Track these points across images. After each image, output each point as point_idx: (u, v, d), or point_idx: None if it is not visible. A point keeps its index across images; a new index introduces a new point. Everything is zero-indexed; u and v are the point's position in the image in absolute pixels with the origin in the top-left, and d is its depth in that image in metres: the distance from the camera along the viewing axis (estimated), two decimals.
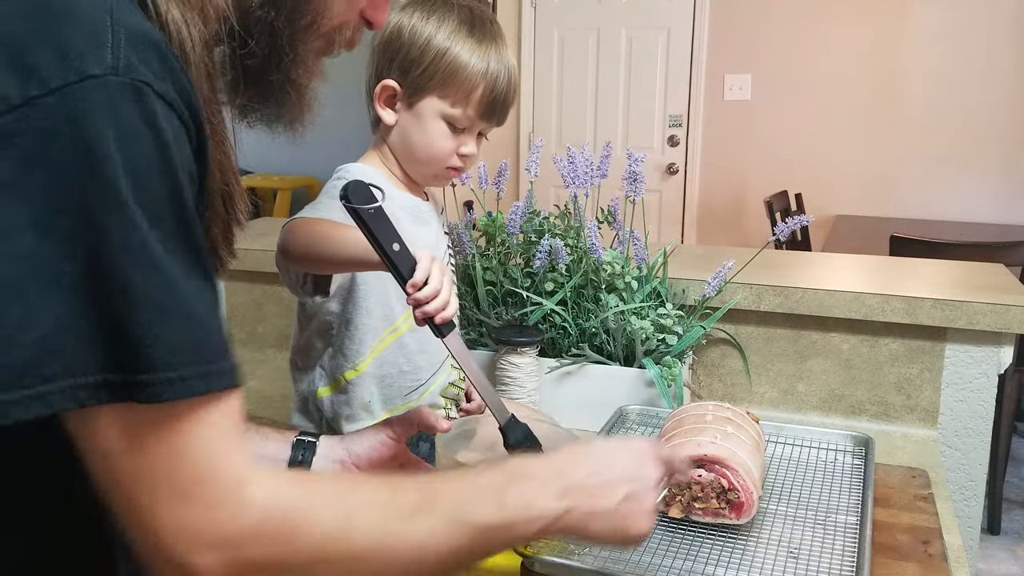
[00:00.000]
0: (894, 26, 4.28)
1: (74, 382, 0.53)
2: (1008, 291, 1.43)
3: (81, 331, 0.53)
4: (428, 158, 1.09)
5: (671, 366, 1.36)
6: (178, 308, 0.56)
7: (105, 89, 0.53)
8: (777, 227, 1.40)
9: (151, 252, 0.54)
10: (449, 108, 1.06)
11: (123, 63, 0.54)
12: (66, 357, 0.53)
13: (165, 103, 0.56)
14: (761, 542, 1.00)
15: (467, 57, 1.04)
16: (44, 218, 0.52)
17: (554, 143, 4.63)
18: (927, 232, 3.07)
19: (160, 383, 0.55)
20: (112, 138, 0.53)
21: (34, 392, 0.53)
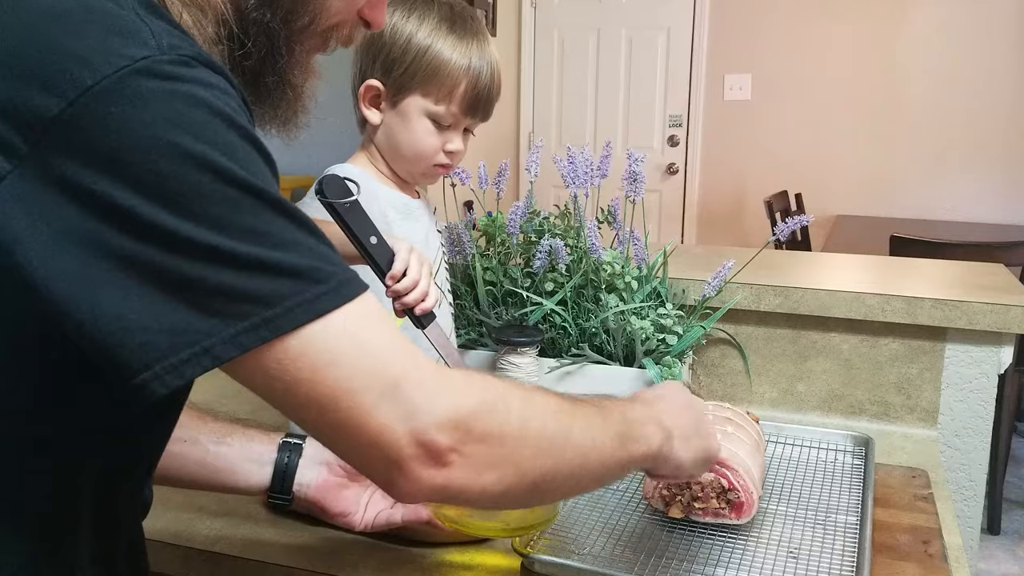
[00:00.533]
0: (894, 26, 4.28)
1: (236, 328, 0.55)
2: (1008, 291, 1.43)
3: (225, 285, 0.55)
4: (414, 156, 1.09)
5: (671, 366, 1.36)
6: (309, 237, 0.59)
7: (159, 65, 0.54)
8: (777, 227, 1.40)
9: (253, 196, 0.56)
10: (432, 106, 1.06)
11: (167, 45, 0.55)
12: (218, 311, 0.55)
13: (214, 71, 0.58)
14: (761, 542, 1.00)
15: (448, 54, 1.04)
16: (148, 196, 0.53)
17: (554, 143, 4.63)
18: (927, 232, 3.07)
19: (319, 296, 0.57)
20: (180, 107, 0.54)
21: (198, 348, 0.55)
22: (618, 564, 0.94)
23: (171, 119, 0.54)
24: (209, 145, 0.55)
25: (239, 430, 0.99)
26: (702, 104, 4.59)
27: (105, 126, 0.52)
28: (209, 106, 0.56)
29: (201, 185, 0.54)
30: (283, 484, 0.96)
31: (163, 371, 0.55)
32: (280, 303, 0.56)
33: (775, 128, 4.51)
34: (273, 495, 0.96)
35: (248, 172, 0.56)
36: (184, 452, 0.94)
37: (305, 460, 0.97)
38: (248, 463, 0.97)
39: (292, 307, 0.57)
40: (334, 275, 0.59)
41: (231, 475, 0.97)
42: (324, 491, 0.97)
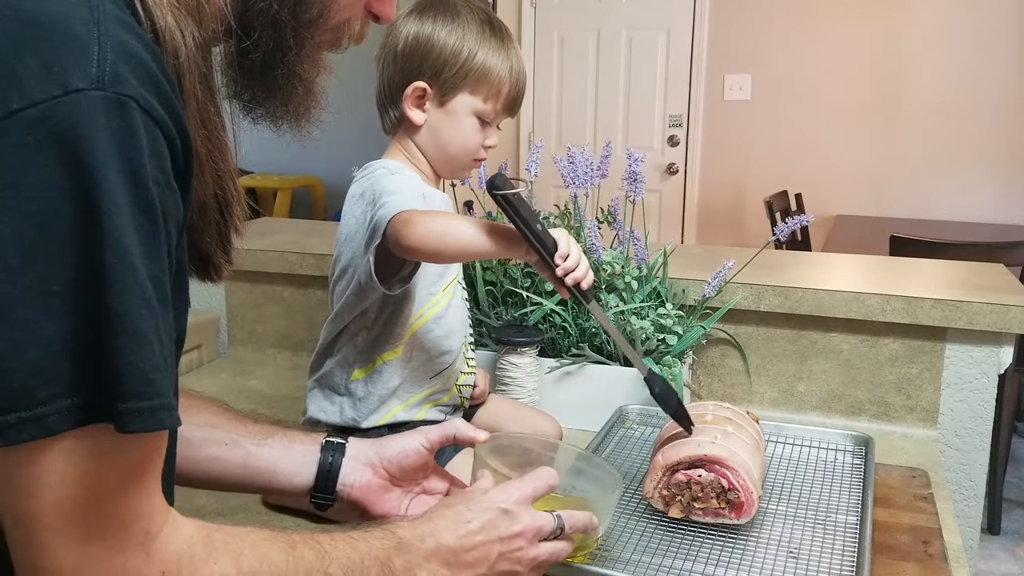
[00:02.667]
0: (894, 26, 4.28)
1: (68, 403, 0.52)
2: (1008, 291, 1.43)
3: (74, 352, 0.52)
4: (460, 151, 1.15)
5: (671, 366, 1.36)
6: (155, 338, 0.55)
7: (89, 103, 0.51)
8: (777, 227, 1.40)
9: (133, 274, 0.53)
10: (481, 104, 1.12)
11: (108, 77, 0.52)
12: (61, 379, 0.52)
13: (151, 118, 0.55)
14: (761, 542, 1.00)
15: (495, 58, 1.11)
16: (28, 236, 0.51)
17: (554, 143, 4.63)
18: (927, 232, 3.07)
19: (129, 413, 0.53)
20: (96, 153, 0.51)
21: (29, 415, 0.51)
22: (618, 564, 0.94)
23: (80, 166, 0.51)
24: (113, 198, 0.52)
25: (279, 431, 0.97)
26: (702, 104, 4.59)
27: (14, 154, 0.50)
28: (124, 160, 0.53)
29: (65, 252, 0.51)
30: (327, 484, 0.95)
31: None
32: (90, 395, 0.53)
33: (775, 128, 4.51)
34: (316, 495, 0.95)
35: (124, 250, 0.53)
36: (225, 455, 0.93)
37: (349, 460, 0.95)
38: (291, 463, 0.95)
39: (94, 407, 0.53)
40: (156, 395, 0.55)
41: (273, 476, 0.95)
42: (368, 492, 0.95)
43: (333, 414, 1.12)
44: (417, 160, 1.15)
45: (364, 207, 1.08)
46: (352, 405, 1.12)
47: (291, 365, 1.74)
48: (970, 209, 4.25)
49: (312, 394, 1.15)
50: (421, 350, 1.13)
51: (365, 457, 0.96)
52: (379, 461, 0.95)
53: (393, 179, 1.08)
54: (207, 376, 1.71)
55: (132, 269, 0.53)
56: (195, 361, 1.76)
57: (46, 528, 0.55)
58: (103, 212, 0.52)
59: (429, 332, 1.13)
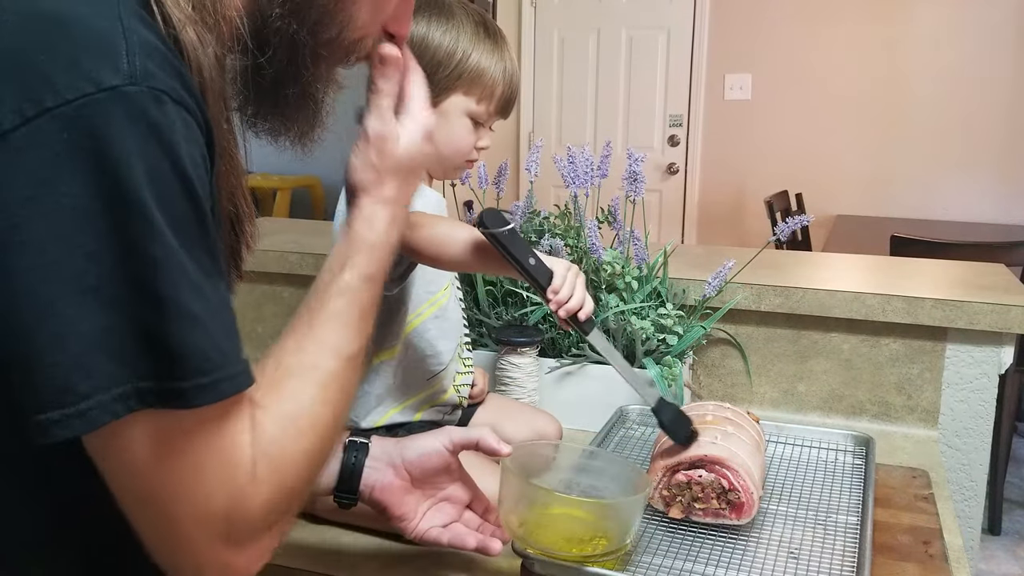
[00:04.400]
0: (894, 26, 4.28)
1: (110, 395, 0.53)
2: (1008, 291, 1.43)
3: (113, 345, 0.53)
4: (453, 152, 1.14)
5: (671, 366, 1.36)
6: (206, 315, 0.56)
7: (124, 99, 0.52)
8: (777, 227, 1.40)
9: (177, 260, 0.54)
10: (474, 106, 1.12)
11: (140, 72, 0.53)
12: (101, 372, 0.52)
13: (184, 109, 0.55)
14: (761, 542, 1.00)
15: (488, 59, 1.11)
16: (68, 232, 0.51)
17: (554, 143, 4.63)
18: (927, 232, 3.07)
19: (194, 389, 0.55)
20: (133, 149, 0.52)
21: (73, 411, 0.52)
22: (618, 564, 0.94)
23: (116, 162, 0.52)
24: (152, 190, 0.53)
25: None
26: (702, 104, 4.59)
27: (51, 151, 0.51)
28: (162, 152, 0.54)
29: (127, 240, 0.52)
30: (350, 484, 0.95)
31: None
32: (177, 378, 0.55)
33: (775, 128, 4.51)
34: (340, 495, 0.95)
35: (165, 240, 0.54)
36: None
37: (371, 460, 0.95)
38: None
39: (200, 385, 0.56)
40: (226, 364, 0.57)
41: None
42: (390, 493, 0.95)
43: None
44: None
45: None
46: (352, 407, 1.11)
47: None
48: (970, 209, 4.25)
49: None
50: (417, 350, 1.13)
51: (388, 457, 0.96)
52: (401, 462, 0.95)
53: None
54: None
55: (174, 254, 0.54)
56: None
57: (169, 498, 0.58)
58: (141, 204, 0.52)
59: (426, 332, 1.13)
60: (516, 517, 0.92)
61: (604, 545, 0.91)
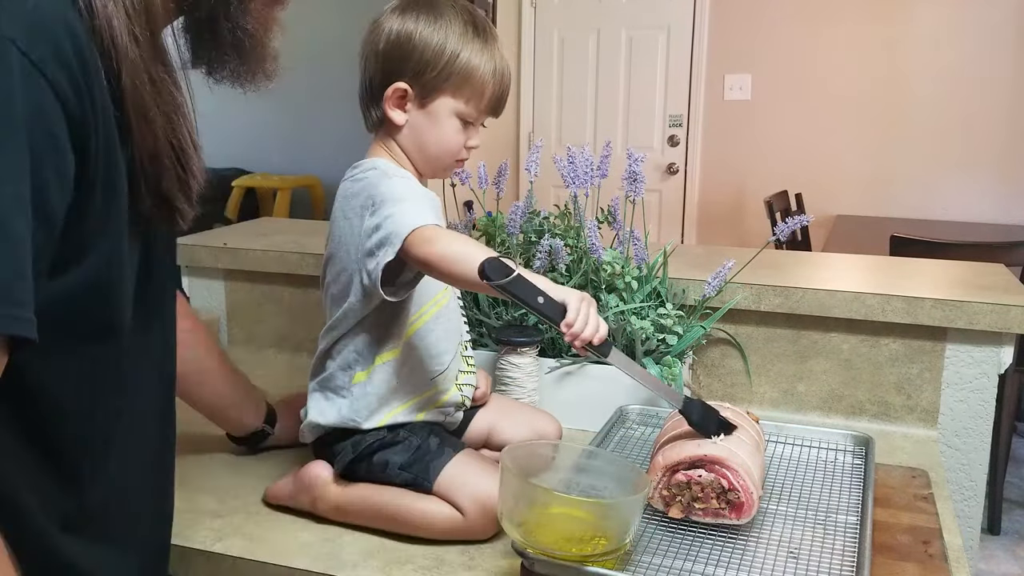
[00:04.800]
0: (894, 26, 4.28)
1: None
2: (1008, 291, 1.43)
3: None
4: (441, 153, 1.13)
5: (671, 366, 1.36)
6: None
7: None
8: (777, 227, 1.40)
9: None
10: (463, 106, 1.11)
11: (5, 28, 0.62)
12: None
13: (29, 61, 0.64)
14: (761, 542, 1.00)
15: (478, 59, 1.09)
16: None
17: (554, 143, 4.63)
18: (927, 232, 3.07)
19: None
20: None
21: None
22: (618, 564, 0.94)
23: None
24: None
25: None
26: (702, 104, 4.59)
27: None
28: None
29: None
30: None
31: None
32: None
33: (775, 128, 4.51)
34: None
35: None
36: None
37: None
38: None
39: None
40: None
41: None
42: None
43: (332, 416, 1.12)
44: (400, 159, 1.14)
45: (360, 210, 1.07)
46: (351, 407, 1.11)
47: (291, 365, 1.74)
48: (970, 209, 4.25)
49: (313, 396, 1.15)
50: (420, 350, 1.13)
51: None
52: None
53: (393, 183, 1.07)
54: None
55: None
56: None
57: None
58: None
59: (429, 332, 1.13)
60: (516, 517, 0.92)
61: (604, 545, 0.91)
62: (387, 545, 1.05)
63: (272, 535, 1.08)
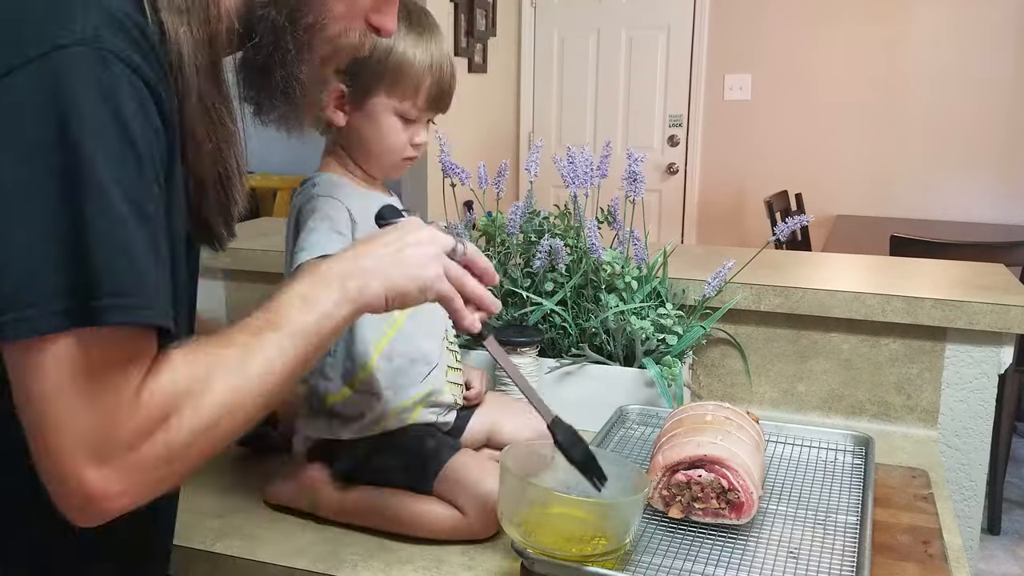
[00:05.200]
0: (894, 26, 4.28)
1: (53, 307, 0.61)
2: (1008, 291, 1.43)
3: (55, 261, 0.62)
4: (384, 152, 1.12)
5: (671, 366, 1.36)
6: (130, 246, 0.64)
7: (73, 57, 0.63)
8: (777, 227, 1.40)
9: (109, 199, 0.63)
10: (399, 104, 1.08)
11: (90, 34, 0.63)
12: (47, 284, 0.62)
13: (130, 69, 0.65)
14: (761, 542, 1.00)
15: (412, 54, 1.07)
16: (23, 167, 0.62)
17: (554, 143, 4.63)
18: (927, 232, 3.07)
19: (113, 308, 0.63)
20: (79, 101, 0.62)
21: (21, 315, 0.61)
22: (618, 564, 0.94)
23: (64, 109, 0.62)
24: (95, 139, 0.63)
25: None
26: (702, 104, 4.59)
27: (15, 103, 0.62)
28: (105, 106, 0.63)
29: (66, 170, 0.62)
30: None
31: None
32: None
33: (775, 128, 4.51)
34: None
35: (102, 176, 0.63)
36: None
37: None
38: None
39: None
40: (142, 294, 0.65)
41: None
42: None
43: (323, 430, 1.12)
44: (349, 165, 1.13)
45: (295, 229, 1.07)
46: (341, 422, 1.11)
47: None
48: (970, 209, 4.25)
49: (303, 412, 1.15)
50: (402, 355, 1.11)
51: None
52: None
53: (318, 206, 1.06)
54: None
55: (107, 190, 0.63)
56: None
57: (53, 405, 0.64)
58: (82, 145, 0.62)
59: (408, 338, 1.11)
60: (516, 517, 0.92)
61: (604, 545, 0.91)
62: (387, 545, 1.05)
63: (272, 535, 1.08)
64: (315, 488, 1.11)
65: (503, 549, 1.02)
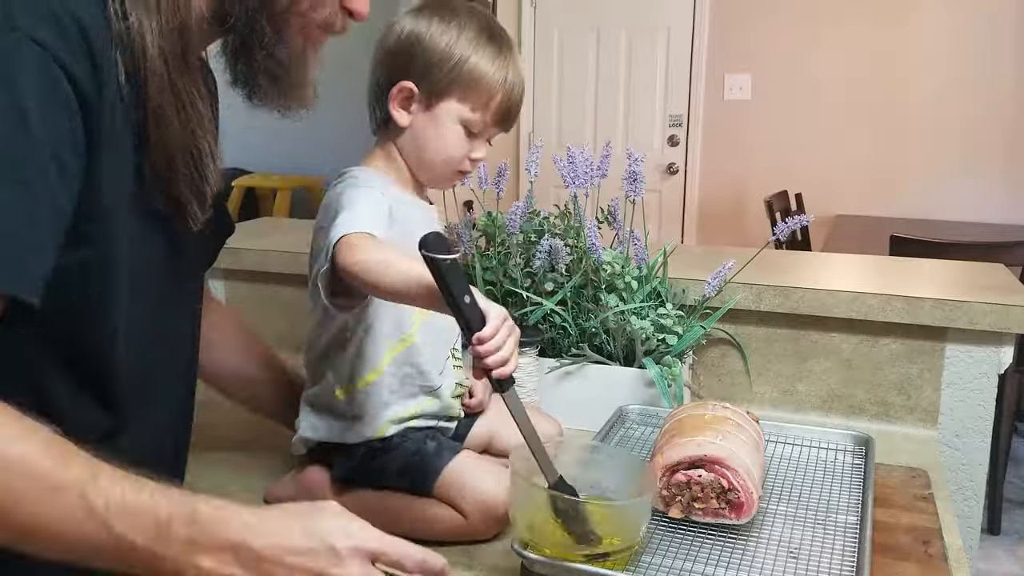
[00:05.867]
0: (895, 26, 4.28)
1: None
2: (1008, 291, 1.43)
3: None
4: (442, 160, 1.10)
5: (671, 366, 1.36)
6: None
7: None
8: (777, 227, 1.40)
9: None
10: (468, 113, 1.08)
11: (2, 20, 0.70)
12: None
13: (45, 51, 0.71)
14: (761, 542, 1.00)
15: (488, 65, 1.06)
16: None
17: (554, 143, 4.63)
18: (927, 232, 3.07)
19: None
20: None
21: None
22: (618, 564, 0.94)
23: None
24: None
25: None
26: (702, 104, 4.59)
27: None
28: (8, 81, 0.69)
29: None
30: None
31: None
32: None
33: (775, 128, 4.51)
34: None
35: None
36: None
37: None
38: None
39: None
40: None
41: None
42: None
43: (324, 432, 1.11)
44: (398, 165, 1.12)
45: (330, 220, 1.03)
46: (342, 425, 1.10)
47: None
48: (970, 209, 4.25)
49: (304, 410, 1.14)
50: (410, 365, 1.11)
51: None
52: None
53: (355, 193, 1.04)
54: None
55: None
56: None
57: None
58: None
59: (417, 352, 1.11)
60: (525, 519, 0.93)
61: (616, 543, 0.91)
62: None
63: None
64: (315, 490, 1.11)
65: (503, 549, 1.02)
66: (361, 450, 1.09)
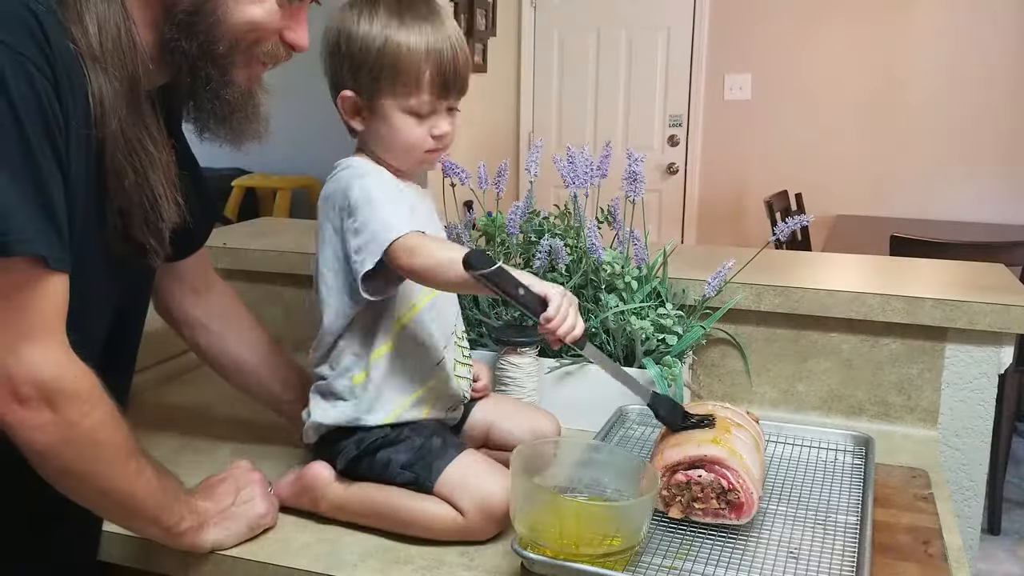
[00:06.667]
0: (894, 26, 4.28)
1: None
2: (1008, 291, 1.43)
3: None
4: (406, 150, 1.10)
5: (671, 366, 1.36)
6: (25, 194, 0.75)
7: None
8: (777, 227, 1.40)
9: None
10: (407, 101, 1.06)
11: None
12: None
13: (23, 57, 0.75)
14: (761, 542, 1.00)
15: (404, 43, 1.03)
16: None
17: (554, 143, 4.63)
18: (927, 232, 3.07)
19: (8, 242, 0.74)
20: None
21: None
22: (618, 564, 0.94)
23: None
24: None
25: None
26: (702, 104, 4.59)
27: None
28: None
29: None
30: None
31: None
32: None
33: (775, 128, 4.52)
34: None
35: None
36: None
37: None
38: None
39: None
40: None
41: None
42: None
43: (335, 416, 1.11)
44: (376, 159, 1.12)
45: (339, 212, 1.06)
46: (354, 407, 1.11)
47: None
48: (970, 209, 4.25)
49: (314, 398, 1.14)
50: (414, 340, 1.11)
51: None
52: None
53: (365, 183, 1.04)
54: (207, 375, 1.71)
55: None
56: (195, 360, 1.75)
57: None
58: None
59: (422, 322, 1.12)
60: (527, 519, 0.92)
61: (618, 543, 0.91)
62: (387, 545, 1.05)
63: (272, 535, 1.08)
64: (316, 484, 1.11)
65: (503, 549, 1.02)
66: (368, 440, 1.09)
